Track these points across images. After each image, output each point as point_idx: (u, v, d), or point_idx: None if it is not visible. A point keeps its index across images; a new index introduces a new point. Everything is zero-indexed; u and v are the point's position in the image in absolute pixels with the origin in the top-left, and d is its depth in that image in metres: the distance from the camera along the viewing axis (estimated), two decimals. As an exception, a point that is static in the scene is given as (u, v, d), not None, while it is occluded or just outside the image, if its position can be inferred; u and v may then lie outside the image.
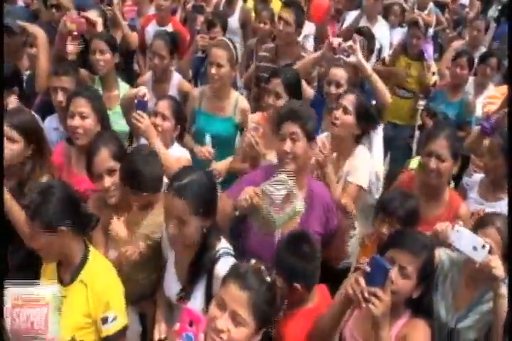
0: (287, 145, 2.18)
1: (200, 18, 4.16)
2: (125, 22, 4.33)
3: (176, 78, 3.57)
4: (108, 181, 2.21)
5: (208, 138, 3.11)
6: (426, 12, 5.20)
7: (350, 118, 2.67)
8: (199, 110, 3.28)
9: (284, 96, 2.80)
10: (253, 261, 1.59)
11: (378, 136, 2.99)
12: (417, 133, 4.56)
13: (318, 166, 2.43)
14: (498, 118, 3.03)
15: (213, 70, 3.12)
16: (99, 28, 3.40)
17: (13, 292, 1.74)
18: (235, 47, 3.24)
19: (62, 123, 2.85)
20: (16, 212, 2.15)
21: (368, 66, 3.22)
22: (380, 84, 3.13)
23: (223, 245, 1.97)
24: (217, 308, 1.49)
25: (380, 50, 4.57)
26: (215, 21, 4.10)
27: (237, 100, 3.26)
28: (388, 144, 3.57)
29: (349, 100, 2.68)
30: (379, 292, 1.55)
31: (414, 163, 3.07)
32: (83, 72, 3.25)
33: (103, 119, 2.58)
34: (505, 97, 3.17)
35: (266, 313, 1.52)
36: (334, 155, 2.58)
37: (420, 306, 1.83)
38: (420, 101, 4.41)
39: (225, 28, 4.17)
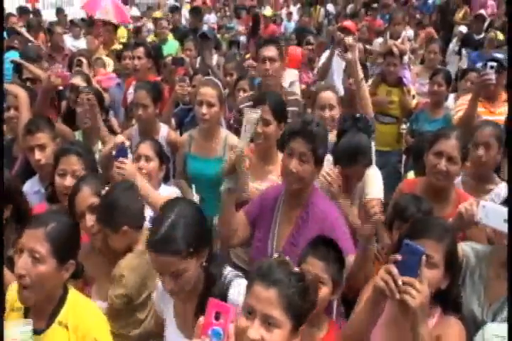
0: (293, 165, 2.06)
1: (181, 71, 4.20)
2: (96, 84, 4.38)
3: (164, 130, 3.47)
4: (90, 219, 2.07)
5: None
6: (399, 40, 5.42)
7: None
8: (189, 154, 3.19)
9: (273, 122, 2.68)
10: (276, 255, 1.46)
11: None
12: (404, 157, 4.54)
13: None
14: None
15: (204, 110, 3.01)
16: None
17: None
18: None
19: (42, 183, 2.71)
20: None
21: (360, 70, 3.18)
22: (366, 93, 3.12)
23: (229, 270, 1.79)
24: (245, 318, 1.34)
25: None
26: (197, 71, 4.18)
27: (226, 138, 3.13)
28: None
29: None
30: (415, 281, 1.40)
31: (410, 175, 3.01)
32: (63, 127, 3.24)
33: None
34: (470, 102, 3.19)
35: (300, 308, 1.36)
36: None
37: (449, 300, 1.69)
38: (403, 125, 4.44)
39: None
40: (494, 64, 3.07)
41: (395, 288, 1.41)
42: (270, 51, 3.37)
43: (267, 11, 8.81)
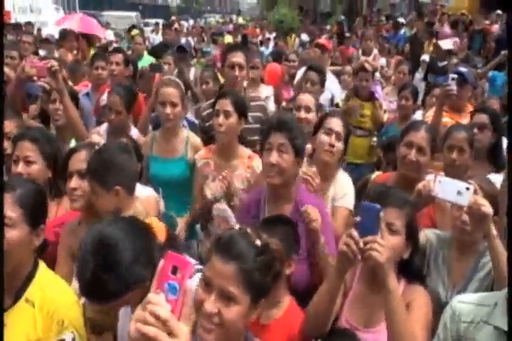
0: (273, 157, 2.06)
1: (158, 78, 4.21)
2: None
3: (134, 133, 3.45)
4: (75, 182, 2.06)
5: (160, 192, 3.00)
6: (371, 57, 5.62)
7: (342, 145, 2.59)
8: (151, 155, 3.15)
9: (234, 115, 2.69)
10: (237, 226, 1.41)
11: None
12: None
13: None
14: None
15: (168, 110, 3.01)
16: None
17: None
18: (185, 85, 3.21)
19: (8, 175, 2.56)
20: None
21: None
22: None
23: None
24: (203, 290, 1.29)
25: (332, 99, 4.85)
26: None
27: (188, 138, 3.13)
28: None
29: (339, 125, 2.59)
30: (377, 238, 1.45)
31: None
32: (36, 123, 3.21)
33: (55, 163, 2.34)
34: (435, 113, 3.35)
35: (260, 283, 1.31)
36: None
37: (412, 270, 1.75)
38: (374, 138, 4.58)
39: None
40: (455, 76, 3.27)
41: (357, 249, 1.46)
42: (238, 57, 3.36)
43: (227, 40, 8.66)
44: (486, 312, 1.53)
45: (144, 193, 2.65)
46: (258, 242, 1.35)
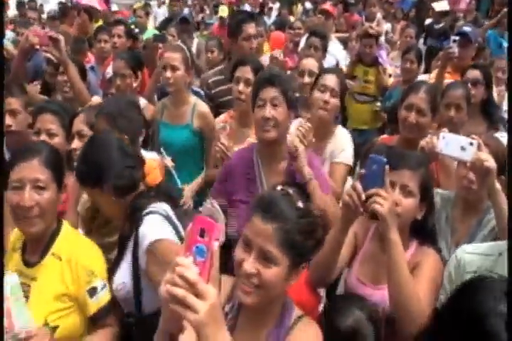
0: (268, 111, 2.04)
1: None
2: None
3: (142, 103, 3.37)
4: (76, 143, 2.19)
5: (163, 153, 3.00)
6: (375, 23, 5.58)
7: (337, 101, 2.58)
8: (161, 122, 3.16)
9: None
10: (279, 187, 1.35)
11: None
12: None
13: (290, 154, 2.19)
14: None
15: (168, 74, 2.98)
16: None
17: None
18: (189, 50, 3.19)
19: (9, 151, 2.58)
20: None
21: None
22: None
23: (154, 206, 1.76)
24: (242, 249, 1.26)
25: (337, 64, 4.84)
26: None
27: (195, 105, 3.12)
28: (358, 151, 3.59)
29: (334, 81, 2.58)
30: (379, 190, 1.46)
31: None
32: (41, 97, 3.24)
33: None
34: (437, 74, 3.40)
35: (301, 245, 1.26)
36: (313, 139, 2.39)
37: (425, 232, 1.75)
38: (378, 103, 4.55)
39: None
40: (457, 38, 3.26)
41: (358, 201, 1.48)
42: (253, 28, 3.37)
43: (223, 12, 8.01)
44: (490, 262, 1.56)
45: (148, 156, 2.72)
46: (300, 204, 1.31)
